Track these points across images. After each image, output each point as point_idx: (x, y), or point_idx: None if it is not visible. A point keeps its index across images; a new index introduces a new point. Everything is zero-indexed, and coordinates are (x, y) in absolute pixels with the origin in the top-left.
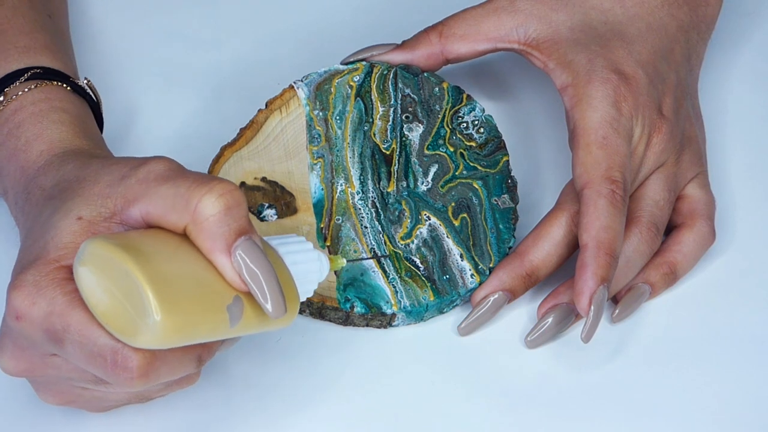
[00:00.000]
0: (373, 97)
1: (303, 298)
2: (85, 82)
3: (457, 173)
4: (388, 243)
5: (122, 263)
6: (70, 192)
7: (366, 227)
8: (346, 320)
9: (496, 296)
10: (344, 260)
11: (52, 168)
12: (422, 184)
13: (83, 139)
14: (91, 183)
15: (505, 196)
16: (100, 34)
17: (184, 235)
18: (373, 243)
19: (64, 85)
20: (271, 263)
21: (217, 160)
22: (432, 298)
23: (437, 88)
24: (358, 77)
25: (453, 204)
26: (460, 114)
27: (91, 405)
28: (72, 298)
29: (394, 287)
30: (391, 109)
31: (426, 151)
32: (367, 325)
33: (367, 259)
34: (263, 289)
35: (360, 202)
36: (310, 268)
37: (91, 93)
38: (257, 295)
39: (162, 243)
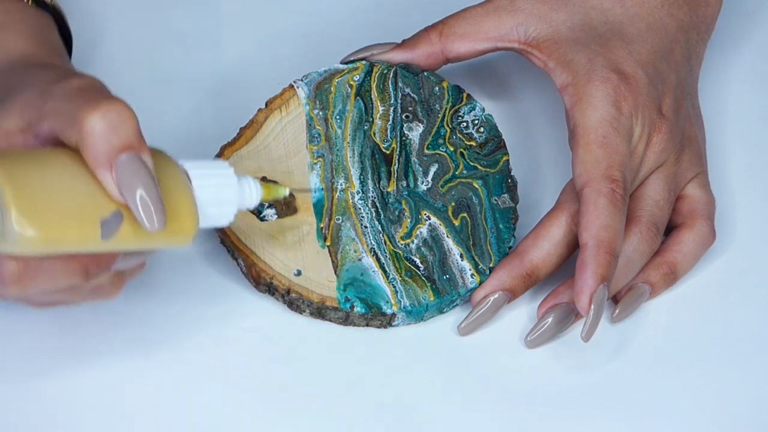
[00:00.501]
0: (373, 97)
1: (223, 222)
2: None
3: (457, 173)
4: (388, 243)
5: None
6: (1, 100)
7: (366, 227)
8: (346, 320)
9: (496, 296)
10: (286, 190)
11: (2, 75)
12: (422, 183)
13: (40, 47)
14: (18, 92)
15: (505, 195)
16: (100, 34)
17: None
18: (373, 243)
19: (26, 0)
20: (155, 179)
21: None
22: (432, 298)
23: (437, 88)
24: (358, 76)
25: (453, 204)
26: (460, 113)
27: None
28: None
29: (394, 287)
30: (391, 109)
31: (426, 151)
32: (367, 325)
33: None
34: (139, 201)
35: (360, 201)
36: (224, 193)
37: (56, 7)
38: (133, 207)
39: (47, 158)
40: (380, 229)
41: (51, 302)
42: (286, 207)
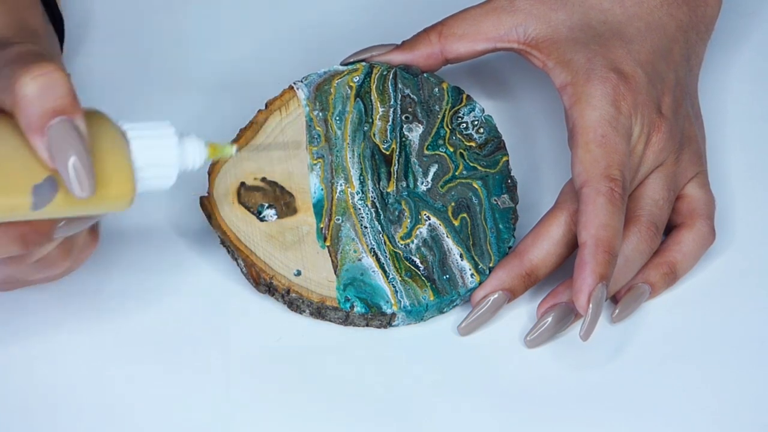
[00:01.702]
0: (372, 98)
1: (164, 185)
2: None
3: (456, 173)
4: (387, 243)
5: None
6: None
7: (366, 227)
8: (346, 320)
9: (496, 296)
10: (233, 149)
11: None
12: (422, 184)
13: (10, 29)
14: None
15: (505, 195)
16: (100, 34)
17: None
18: (373, 243)
19: None
20: (87, 144)
21: (216, 161)
22: (432, 298)
23: (437, 89)
24: (357, 78)
25: (453, 204)
26: (460, 114)
27: None
28: None
29: (394, 287)
30: (391, 110)
31: (426, 152)
32: (367, 325)
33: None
34: (71, 167)
35: (360, 202)
36: (164, 154)
37: None
38: (63, 174)
39: None
40: (380, 229)
41: (22, 280)
42: (286, 207)
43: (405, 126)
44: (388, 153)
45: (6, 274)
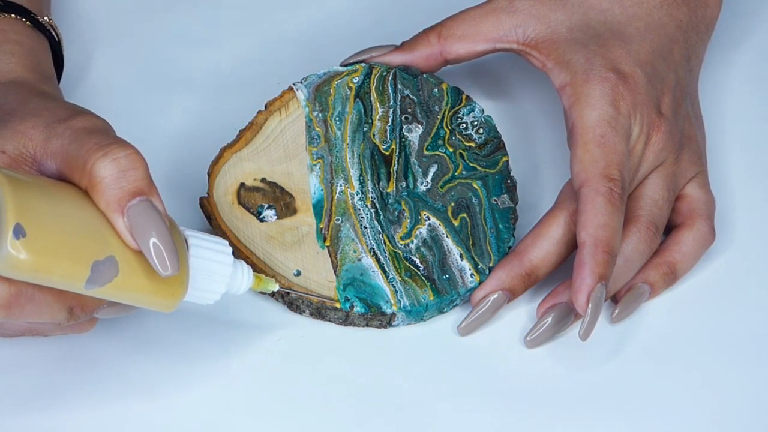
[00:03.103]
0: (372, 99)
1: (207, 300)
2: (47, 20)
3: (456, 173)
4: (387, 243)
5: (0, 188)
6: (2, 123)
7: (365, 227)
8: (346, 320)
9: (496, 296)
10: (276, 285)
11: None
12: (422, 184)
13: (32, 73)
14: (20, 120)
15: (505, 195)
16: (100, 34)
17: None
18: (373, 243)
19: (24, 20)
20: (168, 224)
21: (216, 161)
22: (432, 298)
23: (436, 89)
24: (357, 78)
25: (452, 204)
26: (460, 115)
27: None
28: None
29: (394, 287)
30: (391, 110)
31: (425, 152)
32: (367, 325)
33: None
34: (152, 246)
35: (359, 202)
36: (217, 269)
37: (52, 31)
38: (146, 252)
39: (57, 191)
40: (380, 229)
41: (22, 332)
42: (286, 208)
43: (404, 126)
44: (387, 153)
45: (33, 330)
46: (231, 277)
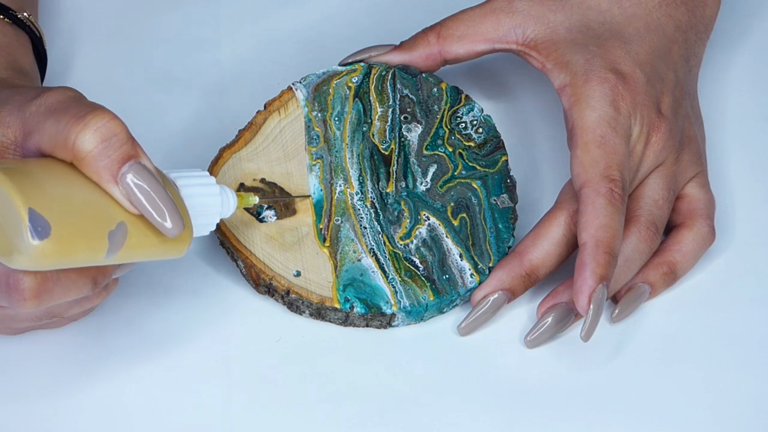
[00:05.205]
0: (371, 98)
1: (205, 232)
2: (26, 15)
3: (456, 173)
4: (387, 243)
5: (1, 185)
6: None
7: (365, 228)
8: (346, 320)
9: (496, 296)
10: (256, 198)
11: None
12: (421, 184)
13: (6, 70)
14: None
15: (504, 195)
16: (100, 34)
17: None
18: (373, 243)
19: (1, 17)
20: (162, 182)
21: (216, 162)
22: (432, 298)
23: (436, 89)
24: (356, 78)
25: (452, 204)
26: (459, 114)
27: (2, 327)
28: None
29: (394, 287)
30: (390, 110)
31: (425, 152)
32: (367, 325)
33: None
34: (157, 206)
35: (359, 202)
36: (209, 202)
37: (32, 27)
38: (151, 213)
39: (49, 171)
40: (379, 229)
41: (73, 314)
42: (285, 208)
43: (404, 126)
44: (387, 153)
45: (50, 310)
46: (221, 204)
